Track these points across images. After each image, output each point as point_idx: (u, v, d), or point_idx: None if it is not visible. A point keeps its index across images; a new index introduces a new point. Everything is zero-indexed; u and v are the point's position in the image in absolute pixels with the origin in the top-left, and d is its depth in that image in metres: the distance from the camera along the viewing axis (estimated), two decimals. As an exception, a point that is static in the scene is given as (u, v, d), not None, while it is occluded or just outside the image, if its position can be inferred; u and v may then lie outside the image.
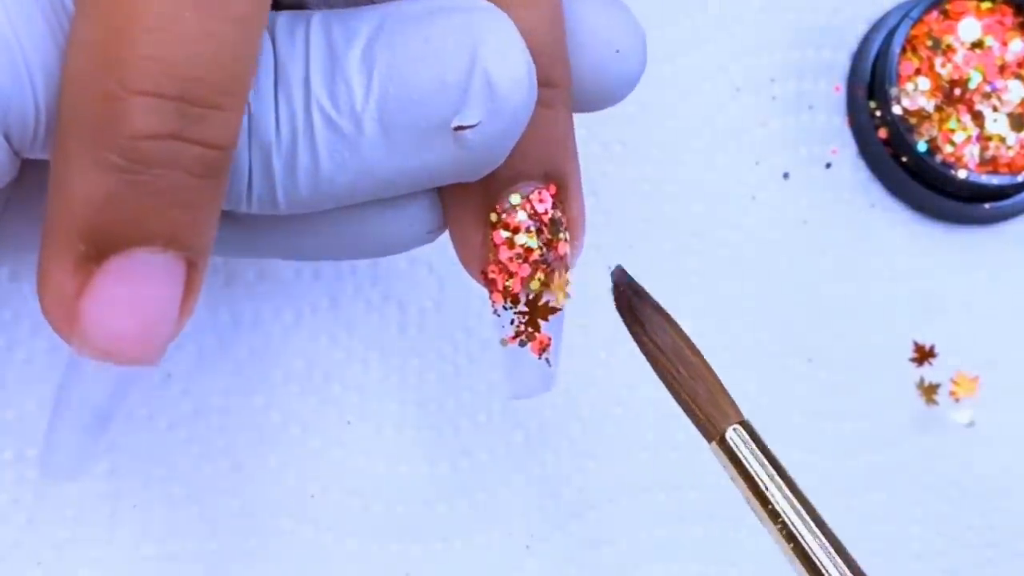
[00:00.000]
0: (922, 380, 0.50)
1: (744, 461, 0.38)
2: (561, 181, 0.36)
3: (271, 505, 0.47)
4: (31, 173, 0.34)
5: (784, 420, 0.50)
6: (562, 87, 0.35)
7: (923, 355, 0.50)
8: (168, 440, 0.46)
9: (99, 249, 0.31)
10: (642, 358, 0.48)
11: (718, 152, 0.51)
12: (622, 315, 0.37)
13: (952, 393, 0.50)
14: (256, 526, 0.46)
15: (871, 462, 0.50)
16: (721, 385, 0.39)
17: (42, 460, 0.34)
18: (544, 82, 0.34)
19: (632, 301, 0.38)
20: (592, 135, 0.50)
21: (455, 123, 0.33)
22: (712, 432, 0.38)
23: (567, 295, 0.37)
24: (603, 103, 0.37)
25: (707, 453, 0.49)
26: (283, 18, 0.33)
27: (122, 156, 0.30)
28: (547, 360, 0.37)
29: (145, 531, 0.46)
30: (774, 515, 0.38)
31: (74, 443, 0.33)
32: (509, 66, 0.33)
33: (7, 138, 0.31)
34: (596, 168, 0.50)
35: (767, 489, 0.38)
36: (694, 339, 0.49)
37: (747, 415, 0.49)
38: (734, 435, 0.38)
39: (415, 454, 0.48)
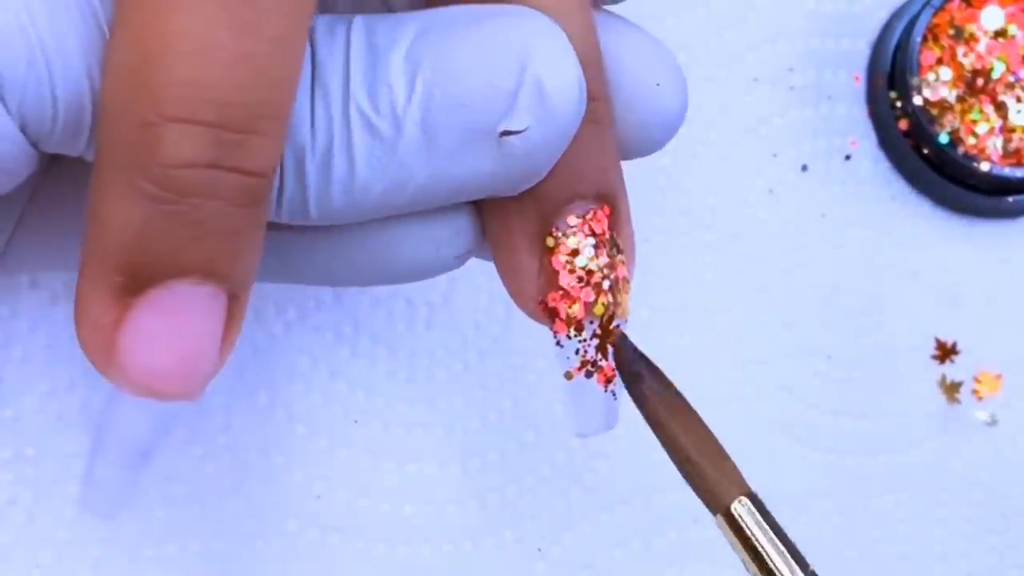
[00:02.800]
0: (944, 378, 0.50)
1: (751, 536, 0.36)
2: (614, 201, 0.35)
3: (275, 506, 0.46)
4: (54, 172, 0.34)
5: (803, 418, 0.49)
6: (605, 101, 0.34)
7: (945, 352, 0.50)
8: (169, 439, 0.45)
9: (136, 281, 0.30)
10: (654, 356, 0.48)
11: (734, 144, 0.50)
12: (624, 380, 0.36)
13: (975, 391, 0.50)
14: (260, 527, 0.46)
15: (892, 462, 0.49)
16: (726, 455, 0.38)
17: (83, 497, 0.33)
18: (591, 95, 0.33)
19: (634, 366, 0.36)
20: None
21: (502, 127, 0.32)
22: (717, 504, 0.37)
23: (627, 315, 0.35)
24: (645, 146, 0.36)
25: (723, 453, 0.48)
26: (323, 18, 0.32)
27: (158, 185, 0.29)
28: (612, 392, 0.36)
29: (146, 532, 0.45)
30: None
31: (114, 479, 0.33)
32: (561, 74, 0.32)
33: (23, 130, 0.30)
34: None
35: (775, 567, 0.35)
36: (710, 337, 0.49)
37: (766, 412, 0.49)
38: (739, 507, 0.36)
39: (424, 454, 0.47)
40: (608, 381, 0.35)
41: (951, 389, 0.49)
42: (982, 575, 0.49)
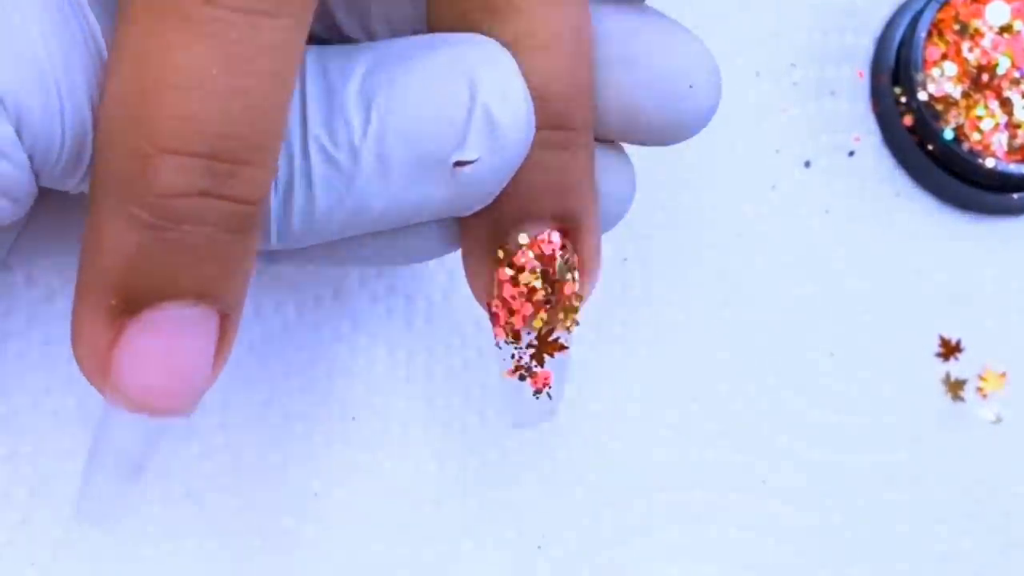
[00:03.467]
0: (948, 376, 0.49)
1: None
2: (574, 223, 0.36)
3: (273, 504, 0.46)
4: (44, 202, 0.35)
5: (805, 416, 0.49)
6: (580, 129, 0.35)
7: (949, 350, 0.49)
8: (166, 437, 0.45)
9: (130, 303, 0.31)
10: (655, 355, 0.48)
11: (736, 140, 0.50)
12: None
13: (979, 389, 0.49)
14: (257, 525, 0.46)
15: (895, 460, 0.49)
16: None
17: (79, 506, 0.34)
18: (559, 124, 0.35)
19: None
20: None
21: (454, 158, 0.33)
22: None
23: (573, 327, 0.37)
24: (673, 139, 0.37)
25: (723, 453, 0.48)
26: None
27: (152, 213, 0.30)
28: (548, 395, 0.38)
29: (142, 530, 0.45)
30: None
31: (109, 490, 0.34)
32: (509, 102, 0.33)
33: (31, 158, 0.31)
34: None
35: None
36: (711, 335, 0.49)
37: (767, 411, 0.48)
38: None
39: (422, 451, 0.47)
40: (542, 386, 0.37)
41: (955, 387, 0.49)
42: (986, 575, 0.49)
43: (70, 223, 0.36)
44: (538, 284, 0.36)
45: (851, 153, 0.50)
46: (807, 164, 0.50)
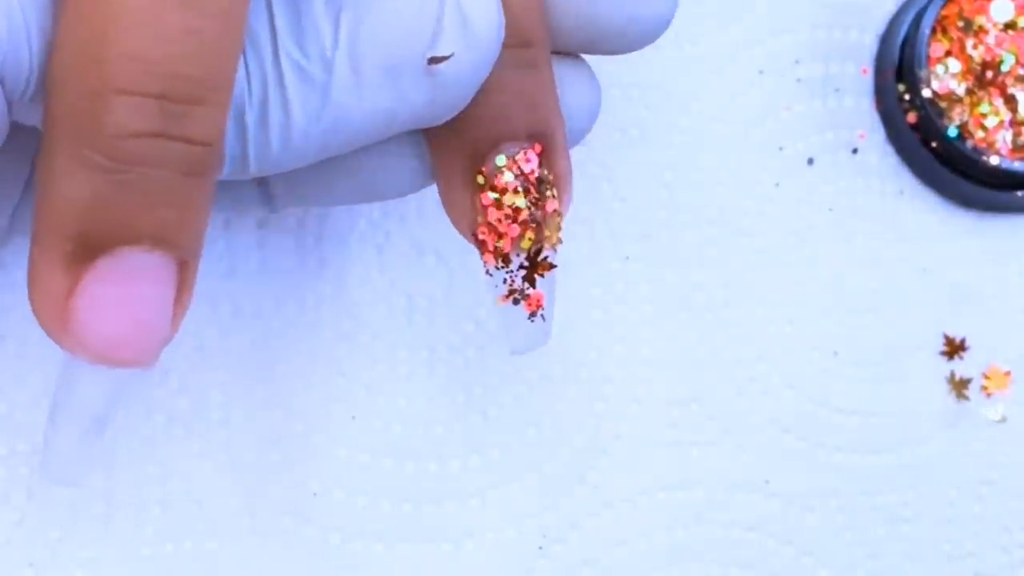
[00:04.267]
0: (953, 374, 0.49)
1: None
2: (546, 139, 0.37)
3: (272, 504, 0.46)
4: None
5: (809, 415, 0.48)
6: (540, 46, 0.36)
7: (954, 348, 0.49)
8: (165, 436, 0.45)
9: (87, 249, 0.31)
10: (658, 354, 0.48)
11: (740, 137, 0.50)
12: None
13: (984, 388, 0.49)
14: (257, 526, 0.45)
15: (899, 459, 0.49)
16: None
17: (42, 466, 0.34)
18: (523, 42, 0.35)
19: None
20: (610, 119, 0.49)
21: (429, 54, 0.33)
22: None
23: (558, 243, 0.38)
24: (635, 44, 0.38)
25: (727, 451, 0.48)
26: None
27: (106, 155, 0.30)
28: (541, 316, 0.38)
29: (141, 531, 0.45)
30: None
31: (73, 448, 0.34)
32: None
33: (1, 83, 0.31)
34: (614, 154, 0.49)
35: None
36: (714, 333, 0.49)
37: (772, 410, 0.48)
38: None
39: (423, 451, 0.47)
40: (536, 308, 0.38)
41: (960, 386, 0.49)
42: (991, 575, 0.49)
43: None
44: (522, 204, 0.36)
45: (855, 150, 0.50)
46: (810, 161, 0.50)
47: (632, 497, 0.47)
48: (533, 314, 0.38)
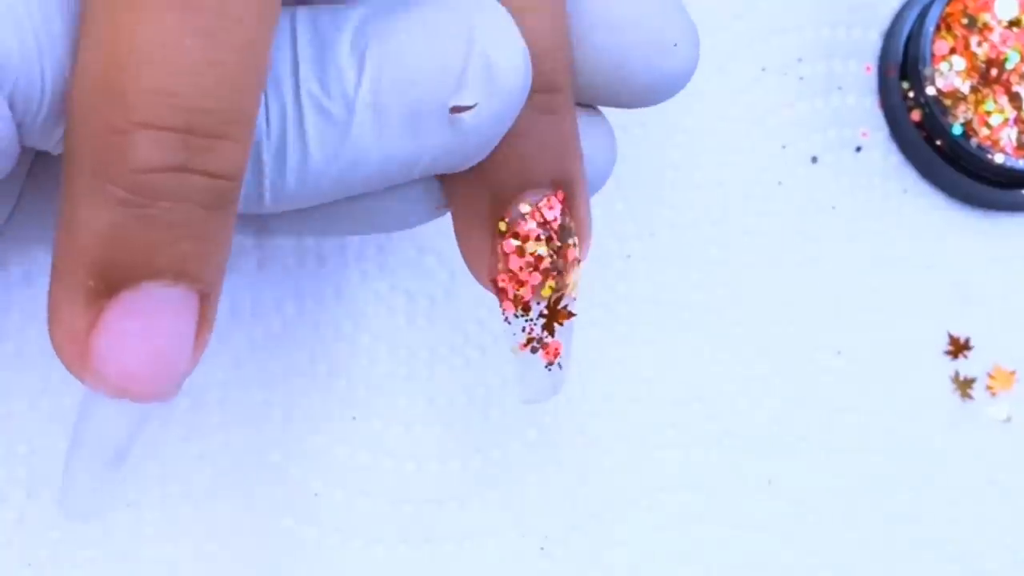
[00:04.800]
0: (957, 374, 0.49)
1: None
2: (569, 186, 0.36)
3: (272, 504, 0.45)
4: (43, 169, 0.35)
5: (812, 415, 0.48)
6: (565, 91, 0.36)
7: (958, 348, 0.49)
8: (164, 437, 0.45)
9: (108, 284, 0.31)
10: (659, 354, 0.48)
11: (743, 136, 0.50)
12: None
13: (988, 387, 0.49)
14: (256, 526, 0.45)
15: (903, 459, 0.49)
16: None
17: (61, 501, 0.34)
18: (547, 87, 0.35)
19: None
20: (611, 118, 0.48)
21: (452, 103, 0.33)
22: None
23: (577, 292, 0.37)
24: (653, 100, 0.38)
25: (728, 453, 0.48)
26: None
27: (128, 190, 0.30)
28: (558, 365, 0.37)
29: (139, 532, 0.45)
30: None
31: (92, 481, 0.34)
32: (507, 48, 0.33)
33: (11, 107, 0.30)
34: (617, 154, 0.48)
35: None
36: (717, 333, 0.48)
37: (774, 409, 0.48)
38: None
39: (424, 451, 0.47)
40: (554, 357, 0.37)
41: (964, 385, 0.49)
42: (996, 575, 0.49)
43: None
44: (543, 252, 0.36)
45: (858, 149, 0.50)
46: (814, 160, 0.50)
47: (634, 497, 0.47)
48: (551, 363, 0.37)
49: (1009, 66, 0.49)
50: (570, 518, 0.47)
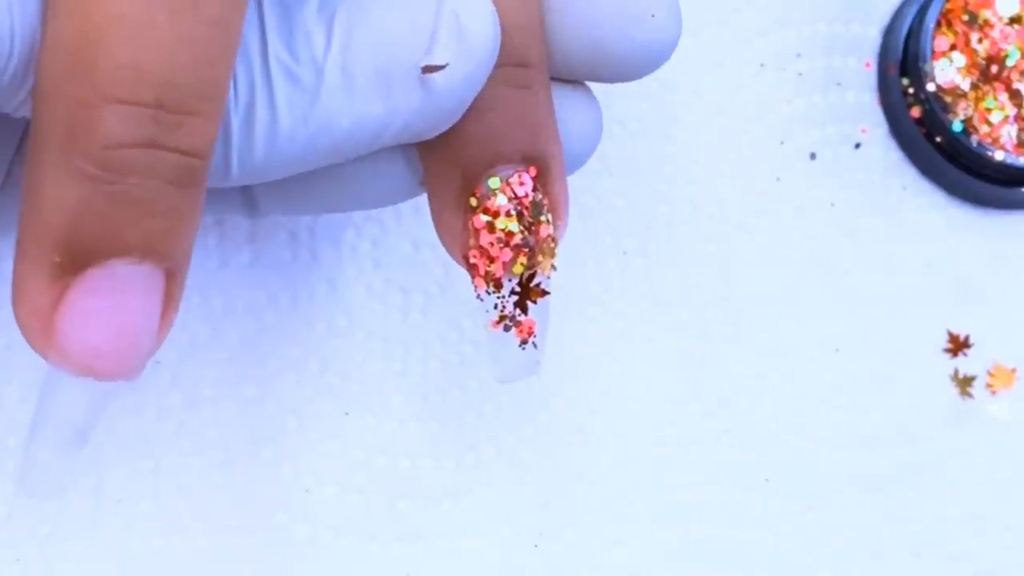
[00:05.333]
0: (956, 372, 0.49)
1: None
2: (542, 163, 0.36)
3: (264, 500, 0.45)
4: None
5: (810, 413, 0.48)
6: (537, 67, 0.35)
7: (958, 346, 0.49)
8: (156, 432, 0.45)
9: (74, 261, 0.31)
10: (657, 351, 0.47)
11: (741, 131, 0.49)
12: None
13: (988, 385, 0.49)
14: (248, 523, 0.45)
15: (902, 458, 0.48)
16: None
17: (21, 479, 0.33)
18: (519, 62, 0.35)
19: None
20: (609, 113, 0.48)
21: (423, 63, 0.33)
22: None
23: (552, 270, 0.37)
24: (637, 72, 0.37)
25: (725, 450, 0.47)
26: None
27: (96, 165, 0.30)
28: (533, 344, 0.37)
29: (130, 527, 0.45)
30: None
31: (54, 460, 0.33)
32: (476, 9, 0.33)
33: None
34: (613, 147, 0.49)
35: None
36: (716, 329, 0.48)
37: (772, 407, 0.48)
38: None
39: (418, 448, 0.46)
40: (527, 335, 0.37)
41: (964, 383, 0.48)
42: (996, 575, 0.48)
43: None
44: (515, 228, 0.36)
45: (857, 145, 0.50)
46: (812, 156, 0.50)
47: (629, 495, 0.47)
48: (524, 342, 0.37)
49: (1010, 63, 0.48)
50: (565, 516, 0.47)
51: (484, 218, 0.35)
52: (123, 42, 0.29)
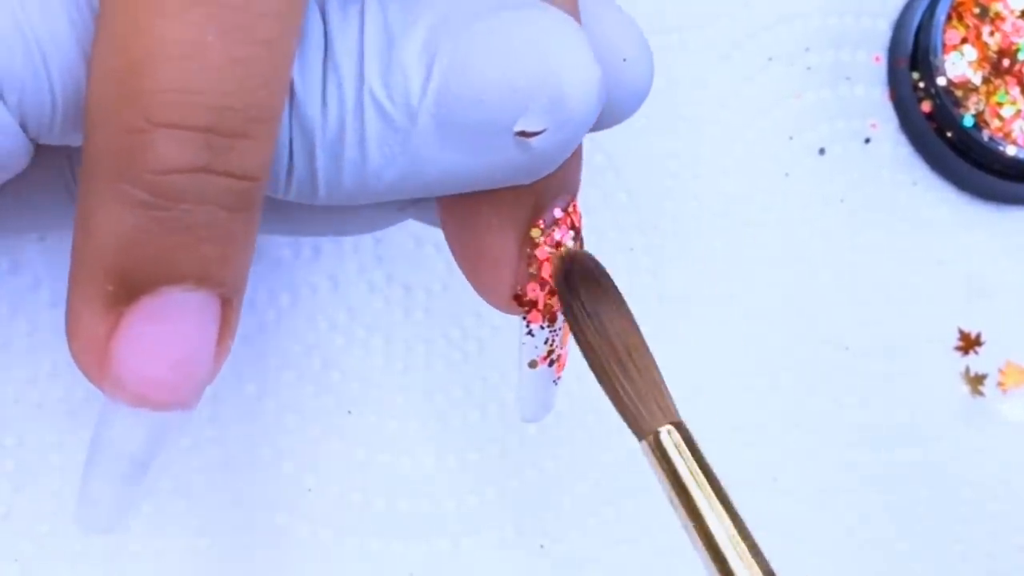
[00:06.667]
0: (968, 370, 0.49)
1: (675, 466, 0.36)
2: (575, 195, 0.35)
3: (265, 499, 0.45)
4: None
5: (820, 411, 0.48)
6: None
7: (969, 343, 0.49)
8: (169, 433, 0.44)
9: (128, 289, 0.30)
10: (663, 348, 0.47)
11: (749, 126, 0.49)
12: (559, 288, 0.35)
13: (1000, 384, 0.49)
14: (249, 522, 0.45)
15: (912, 457, 0.48)
16: (660, 382, 0.37)
17: (78, 514, 0.33)
18: None
19: (574, 273, 0.35)
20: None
21: (518, 128, 0.31)
22: (641, 431, 0.36)
23: None
24: (608, 120, 0.36)
25: (733, 449, 0.47)
26: None
27: (148, 191, 0.29)
28: (557, 379, 0.37)
29: (130, 527, 0.44)
30: (700, 526, 0.36)
31: (111, 494, 0.33)
32: (582, 77, 0.32)
33: (24, 126, 0.30)
34: (619, 143, 0.48)
35: (697, 499, 0.36)
36: (723, 327, 0.48)
37: (780, 405, 0.47)
38: (666, 437, 0.36)
39: (420, 447, 0.46)
40: (561, 368, 0.36)
41: (975, 381, 0.48)
42: (1008, 575, 0.48)
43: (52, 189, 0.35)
44: None
45: (867, 140, 0.50)
46: (822, 151, 0.49)
47: (636, 494, 0.47)
48: (558, 377, 0.37)
49: (1021, 56, 0.48)
50: (570, 515, 0.46)
51: (548, 249, 0.34)
52: (173, 66, 0.28)
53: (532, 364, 0.36)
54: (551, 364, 0.36)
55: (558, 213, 0.34)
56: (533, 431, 0.46)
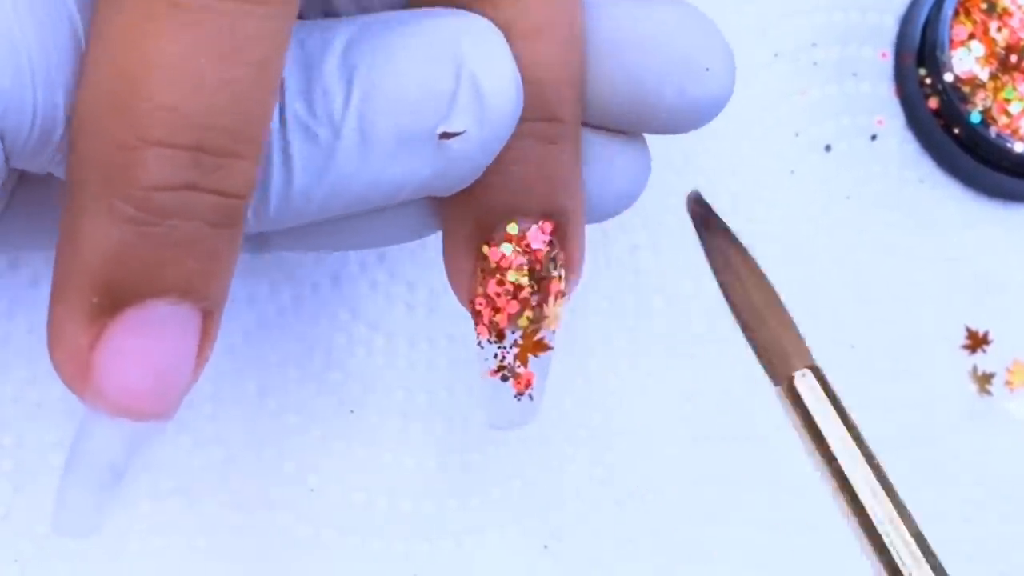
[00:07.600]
0: (975, 368, 0.48)
1: (810, 409, 0.38)
2: (561, 218, 0.36)
3: (266, 499, 0.45)
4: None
5: (824, 411, 0.47)
6: (568, 123, 0.35)
7: (976, 342, 0.48)
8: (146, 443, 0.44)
9: (113, 301, 0.31)
10: (668, 348, 0.47)
11: (754, 123, 0.49)
12: (700, 233, 0.37)
13: (1008, 383, 0.48)
14: (250, 522, 0.45)
15: (919, 456, 0.48)
16: (794, 326, 0.39)
17: (55, 518, 0.34)
18: (548, 116, 0.35)
19: (709, 222, 0.38)
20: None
21: (441, 130, 0.32)
22: (778, 374, 0.38)
23: (557, 327, 0.37)
24: (687, 126, 0.37)
25: (736, 449, 0.47)
26: None
27: (136, 207, 0.30)
28: (529, 396, 0.37)
29: (129, 526, 0.44)
30: (836, 470, 0.38)
31: (88, 500, 0.33)
32: (498, 74, 0.33)
33: (1, 139, 0.30)
34: (623, 140, 0.48)
35: (829, 440, 0.38)
36: (726, 325, 0.47)
37: (782, 405, 0.47)
38: (801, 380, 0.38)
39: (423, 446, 0.46)
40: (524, 388, 0.37)
41: (983, 380, 0.48)
42: (1016, 575, 0.48)
43: (48, 209, 0.35)
44: (524, 281, 0.35)
45: (874, 137, 0.50)
46: (827, 148, 0.49)
47: (641, 494, 0.47)
48: (520, 394, 0.37)
49: (1029, 53, 0.48)
50: (575, 515, 0.46)
51: (493, 268, 0.35)
52: (164, 84, 0.29)
53: (482, 375, 0.37)
54: (504, 379, 0.37)
55: (512, 230, 0.35)
56: (537, 431, 0.46)
